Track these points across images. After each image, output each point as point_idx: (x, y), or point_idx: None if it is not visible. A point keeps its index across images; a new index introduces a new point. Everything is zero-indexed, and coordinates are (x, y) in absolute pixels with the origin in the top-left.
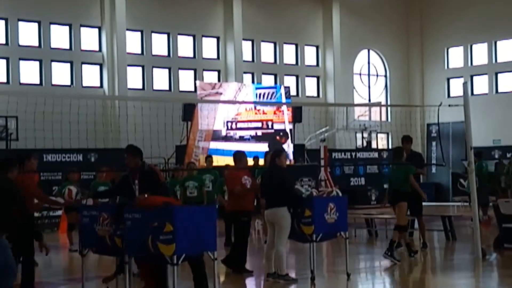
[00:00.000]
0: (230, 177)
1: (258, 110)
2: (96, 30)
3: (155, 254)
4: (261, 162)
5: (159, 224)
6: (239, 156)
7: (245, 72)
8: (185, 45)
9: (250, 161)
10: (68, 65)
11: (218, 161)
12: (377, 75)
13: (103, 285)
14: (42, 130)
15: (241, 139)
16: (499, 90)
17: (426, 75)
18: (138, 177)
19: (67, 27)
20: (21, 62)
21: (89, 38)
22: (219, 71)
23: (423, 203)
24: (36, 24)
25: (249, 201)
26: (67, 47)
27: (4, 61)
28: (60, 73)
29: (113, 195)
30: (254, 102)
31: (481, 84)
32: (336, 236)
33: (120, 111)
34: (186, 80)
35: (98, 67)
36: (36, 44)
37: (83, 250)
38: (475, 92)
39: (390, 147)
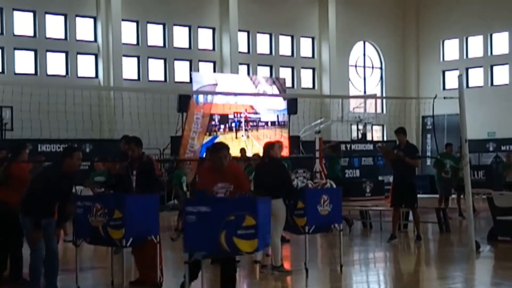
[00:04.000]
0: None
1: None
2: (92, 20)
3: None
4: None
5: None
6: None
7: (240, 63)
8: (180, 36)
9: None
10: (63, 55)
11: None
12: (373, 67)
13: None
14: (37, 120)
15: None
16: (494, 83)
17: (422, 67)
18: (137, 167)
19: (62, 17)
20: (16, 52)
21: (84, 28)
22: (214, 62)
23: (418, 195)
24: (31, 14)
25: None
26: (63, 37)
27: None
28: (55, 63)
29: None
30: (253, 94)
31: (476, 77)
32: (330, 228)
33: (115, 101)
34: (181, 71)
35: (93, 57)
36: (31, 34)
37: (77, 240)
38: (470, 85)
39: (385, 139)
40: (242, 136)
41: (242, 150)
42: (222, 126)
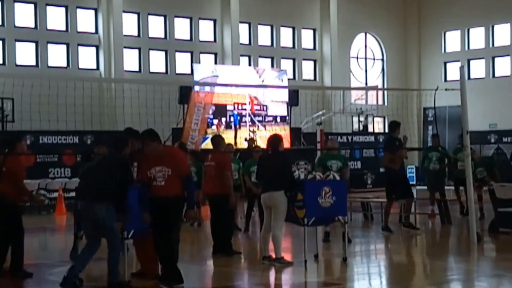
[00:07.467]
0: (224, 161)
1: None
2: (93, 12)
3: None
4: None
5: None
6: (218, 140)
7: (241, 55)
8: (181, 28)
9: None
10: (64, 47)
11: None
12: (374, 59)
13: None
14: (38, 112)
15: None
16: (496, 75)
17: (423, 59)
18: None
19: (63, 9)
20: (17, 44)
21: (85, 20)
22: (215, 54)
23: (419, 187)
24: (32, 5)
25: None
26: (64, 28)
27: (0, 42)
28: (56, 55)
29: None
30: (255, 86)
31: (478, 68)
32: (334, 220)
33: (116, 93)
34: (182, 63)
35: (94, 49)
36: (32, 25)
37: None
38: (472, 76)
39: (386, 131)
40: (246, 140)
41: (251, 140)
42: (215, 121)
